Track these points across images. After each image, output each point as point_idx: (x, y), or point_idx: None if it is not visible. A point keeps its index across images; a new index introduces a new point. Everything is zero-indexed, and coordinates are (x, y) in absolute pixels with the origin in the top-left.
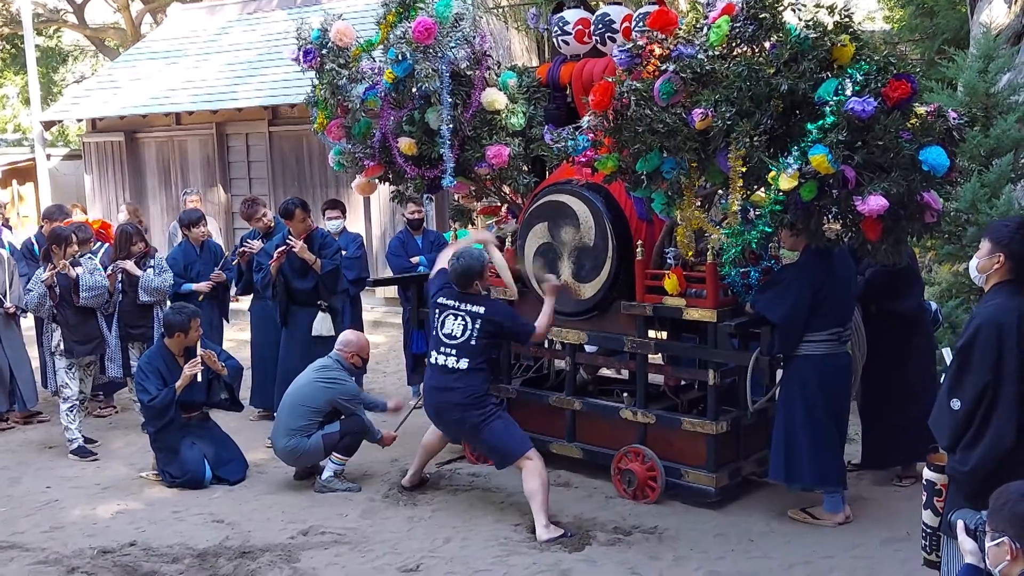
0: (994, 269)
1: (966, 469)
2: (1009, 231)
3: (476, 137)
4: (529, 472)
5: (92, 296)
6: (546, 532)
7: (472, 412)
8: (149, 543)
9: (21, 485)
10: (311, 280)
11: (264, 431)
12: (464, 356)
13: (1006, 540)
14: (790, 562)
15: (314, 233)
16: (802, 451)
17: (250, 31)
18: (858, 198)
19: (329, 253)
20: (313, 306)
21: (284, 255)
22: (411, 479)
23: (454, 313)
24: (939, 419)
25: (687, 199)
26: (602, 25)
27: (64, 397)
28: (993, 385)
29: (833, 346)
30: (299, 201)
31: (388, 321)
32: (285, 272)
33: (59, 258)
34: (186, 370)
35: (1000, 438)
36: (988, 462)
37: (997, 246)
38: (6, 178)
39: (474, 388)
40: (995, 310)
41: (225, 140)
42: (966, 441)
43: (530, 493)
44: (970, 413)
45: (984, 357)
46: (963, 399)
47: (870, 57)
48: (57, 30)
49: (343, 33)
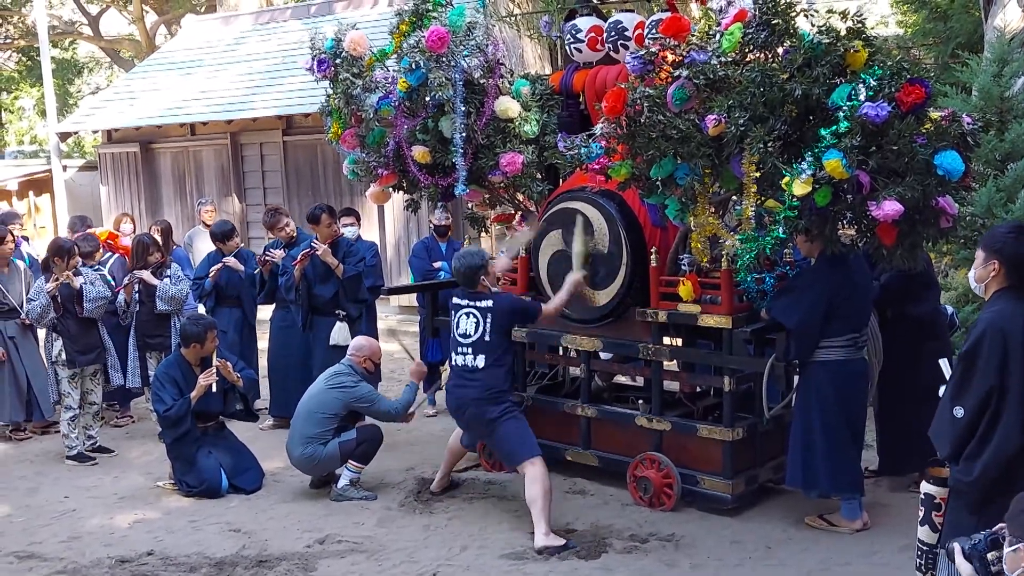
0: (991, 277)
1: (970, 479)
2: (1001, 236)
3: (490, 145)
4: (531, 479)
5: (96, 306)
6: (544, 539)
7: (489, 407)
8: (166, 552)
9: (39, 495)
10: (332, 286)
11: (279, 440)
12: (480, 353)
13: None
14: (807, 569)
15: (339, 240)
16: (819, 457)
17: (264, 41)
18: (873, 203)
19: (353, 261)
20: (332, 315)
21: (308, 257)
22: (439, 483)
23: (467, 312)
24: (940, 429)
25: (701, 205)
26: (615, 32)
27: (66, 406)
28: (998, 392)
29: (850, 352)
30: (325, 207)
31: (403, 329)
32: (308, 276)
33: (61, 269)
34: (201, 380)
35: (1005, 446)
36: (993, 471)
37: (991, 253)
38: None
39: (492, 384)
40: (998, 316)
41: (240, 150)
42: (970, 450)
43: (530, 499)
44: (973, 421)
45: (988, 364)
46: (966, 407)
47: (883, 62)
48: (72, 42)
49: (357, 43)
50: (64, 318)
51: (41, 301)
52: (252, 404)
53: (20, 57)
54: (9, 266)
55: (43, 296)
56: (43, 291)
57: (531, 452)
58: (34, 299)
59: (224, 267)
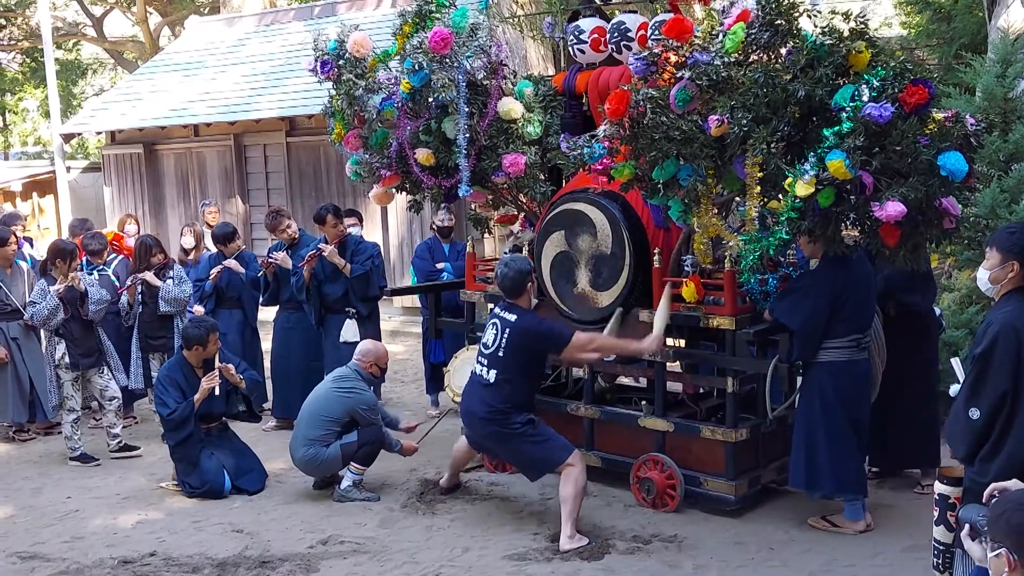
0: (1008, 278)
1: (986, 480)
2: (1018, 238)
3: (493, 146)
4: (566, 476)
5: (98, 309)
6: (569, 543)
7: (493, 427)
8: (169, 553)
9: (42, 495)
10: (342, 285)
11: (282, 442)
12: (493, 367)
13: (1004, 552)
14: (810, 570)
15: (347, 239)
16: (822, 458)
17: (268, 43)
18: (876, 204)
19: (361, 259)
20: (343, 313)
21: (315, 259)
22: (448, 481)
23: (494, 322)
24: (955, 430)
25: (704, 206)
26: (618, 33)
27: (68, 409)
28: (1012, 392)
29: (853, 353)
30: (331, 207)
31: (406, 331)
32: (318, 276)
33: (62, 271)
34: (204, 384)
35: (1020, 449)
36: (1007, 474)
37: (1009, 254)
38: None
39: (495, 402)
40: (1011, 316)
41: (243, 151)
42: (985, 451)
43: (563, 498)
44: (989, 422)
45: (1003, 364)
46: (981, 408)
47: (886, 63)
48: (76, 43)
49: (360, 44)
50: (67, 321)
51: (49, 303)
52: (255, 405)
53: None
54: (12, 267)
55: (51, 298)
56: (49, 293)
57: (563, 455)
58: (38, 301)
59: (225, 269)
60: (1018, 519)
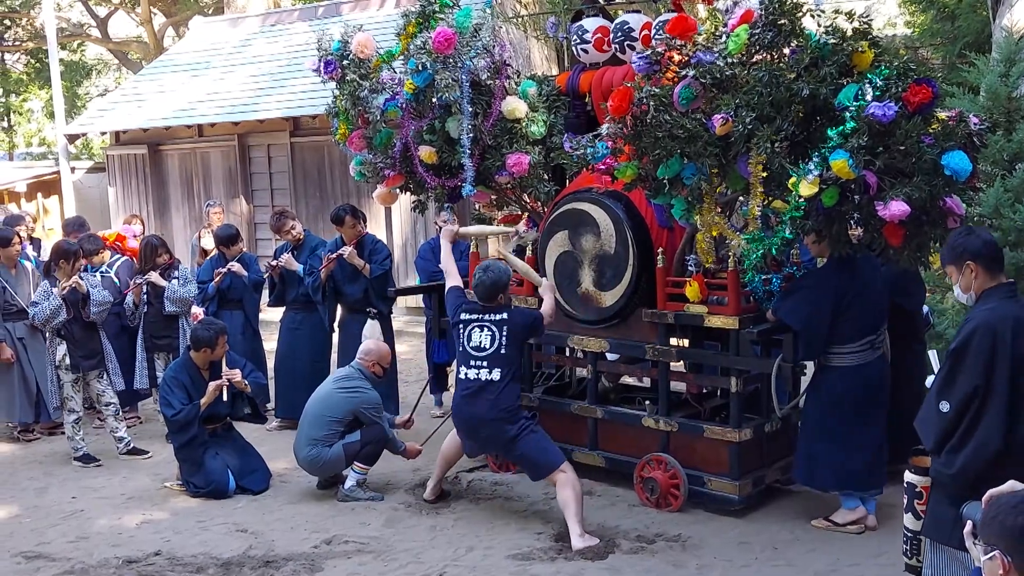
0: (974, 280)
1: (951, 472)
2: (958, 243)
3: (496, 146)
4: (562, 484)
5: (100, 311)
6: (580, 541)
7: (506, 426)
8: (174, 553)
9: (47, 495)
10: (361, 285)
11: (286, 442)
12: (496, 366)
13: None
14: (815, 570)
15: (364, 239)
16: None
17: (272, 43)
18: (880, 203)
19: (379, 259)
20: (363, 312)
21: (335, 261)
22: (432, 492)
23: (479, 325)
24: (926, 420)
25: (708, 205)
26: (621, 33)
27: (69, 410)
28: (984, 389)
29: (866, 355)
30: (349, 207)
31: (410, 331)
32: (336, 277)
33: (65, 272)
34: (211, 388)
35: (986, 443)
36: (973, 466)
37: (961, 260)
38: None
39: (506, 402)
40: (990, 315)
41: (247, 151)
42: (952, 444)
43: (563, 503)
44: (958, 416)
45: (977, 361)
46: (952, 402)
47: (890, 62)
48: (81, 44)
49: (363, 44)
50: (69, 323)
51: (51, 304)
52: (260, 407)
53: (29, 59)
54: (16, 267)
55: (53, 299)
56: (52, 294)
57: (556, 461)
58: (40, 302)
59: (228, 271)
60: (1012, 521)
